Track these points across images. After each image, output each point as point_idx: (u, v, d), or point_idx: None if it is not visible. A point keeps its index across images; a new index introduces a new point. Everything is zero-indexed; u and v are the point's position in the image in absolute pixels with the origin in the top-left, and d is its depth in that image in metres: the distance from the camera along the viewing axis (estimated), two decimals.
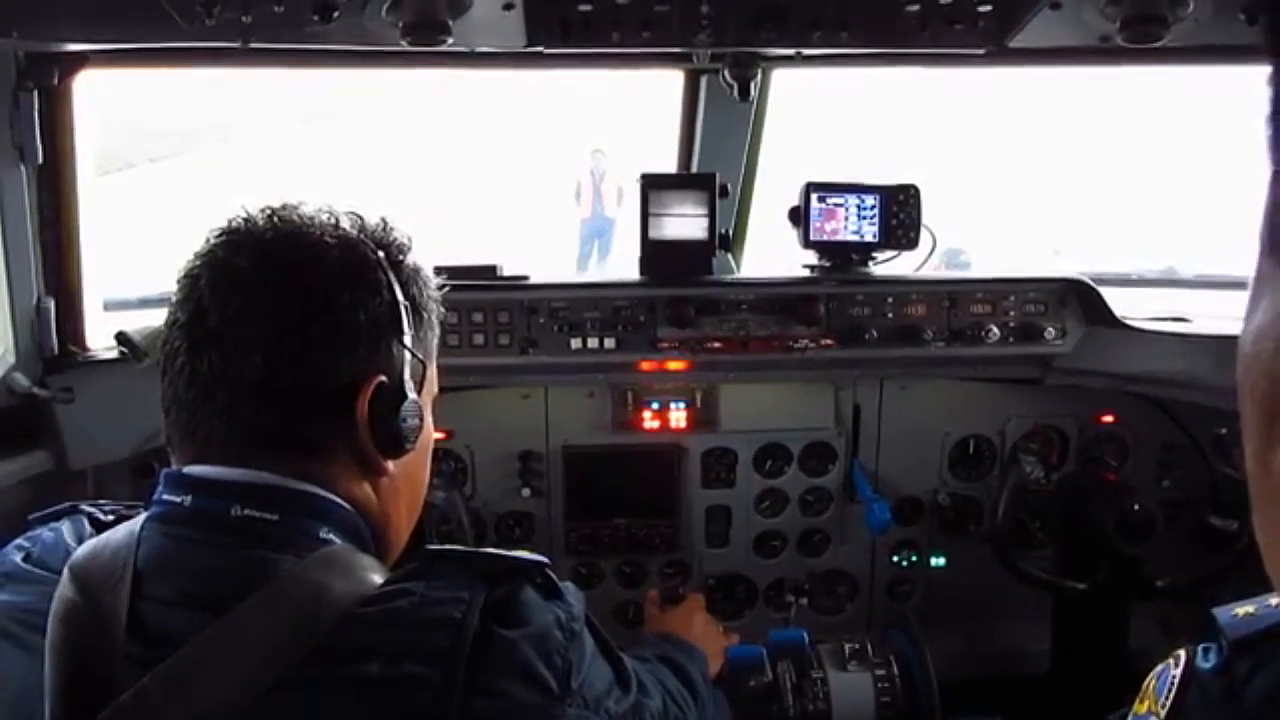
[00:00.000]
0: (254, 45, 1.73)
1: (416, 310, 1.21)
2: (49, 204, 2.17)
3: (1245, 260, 0.62)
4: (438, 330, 1.29)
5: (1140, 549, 2.38)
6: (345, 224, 1.17)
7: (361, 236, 1.17)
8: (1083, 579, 2.46)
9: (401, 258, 1.21)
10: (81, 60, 2.11)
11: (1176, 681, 1.03)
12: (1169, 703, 1.03)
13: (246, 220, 1.15)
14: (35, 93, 2.07)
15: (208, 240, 1.15)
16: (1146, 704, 1.07)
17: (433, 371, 1.28)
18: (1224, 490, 2.56)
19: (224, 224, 1.16)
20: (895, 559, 2.72)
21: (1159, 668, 1.08)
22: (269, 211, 1.15)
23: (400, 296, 1.16)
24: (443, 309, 1.29)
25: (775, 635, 2.25)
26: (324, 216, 1.17)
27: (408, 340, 1.17)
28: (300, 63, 2.29)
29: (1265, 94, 0.57)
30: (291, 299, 1.10)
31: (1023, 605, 2.64)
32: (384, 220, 1.22)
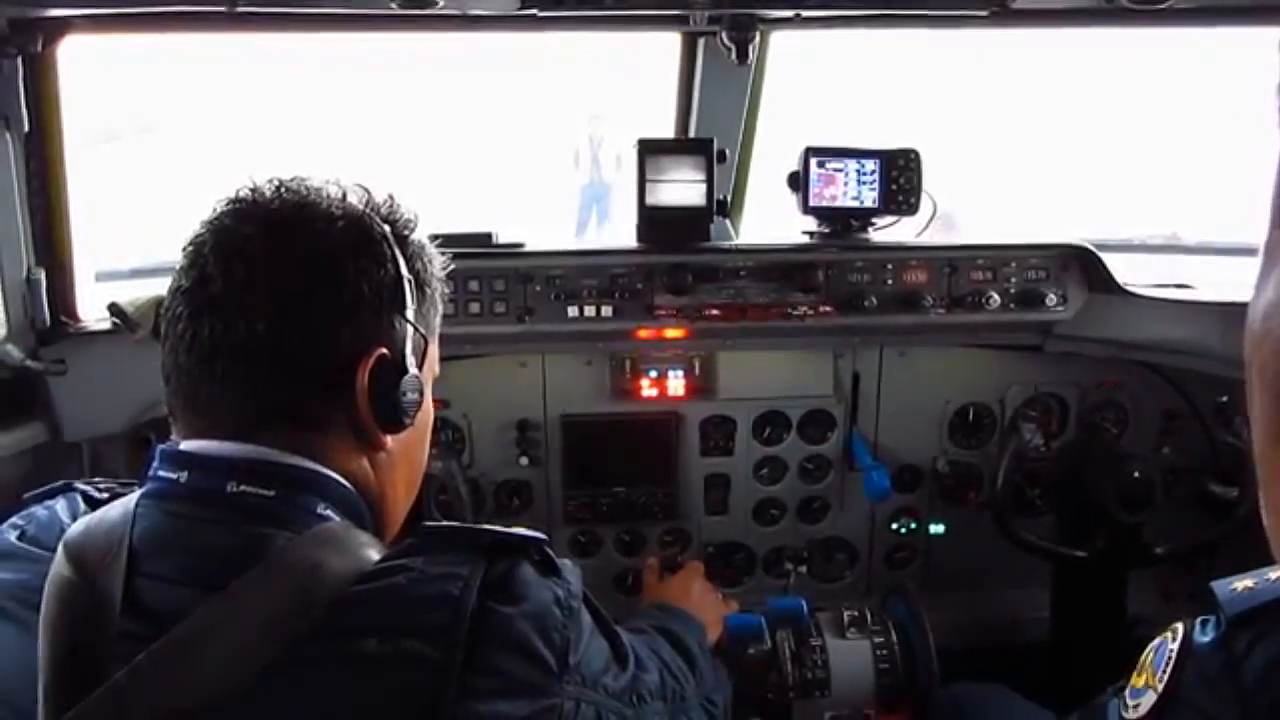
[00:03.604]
0: (241, 10, 1.69)
1: (420, 286, 1.20)
2: (36, 174, 2.14)
3: (1250, 227, 0.60)
4: (441, 309, 1.28)
5: (1140, 516, 2.38)
6: (352, 198, 1.17)
7: (368, 210, 1.17)
8: (1082, 546, 2.46)
9: (407, 233, 1.20)
10: (65, 26, 2.07)
11: (1174, 656, 1.03)
12: (1166, 677, 1.02)
13: (254, 190, 1.14)
14: (19, 60, 2.03)
15: (214, 209, 1.15)
16: (1144, 677, 1.06)
17: (434, 350, 1.28)
18: (1224, 458, 2.56)
19: (231, 193, 1.15)
20: (894, 526, 2.72)
21: (1156, 641, 1.07)
22: (276, 183, 1.15)
23: (405, 271, 1.16)
24: (447, 288, 1.29)
25: (774, 603, 2.26)
26: (331, 189, 1.16)
27: (410, 314, 1.16)
28: (288, 27, 2.25)
29: (1276, 64, 0.55)
30: (296, 267, 1.09)
31: (1022, 572, 2.65)
32: (391, 196, 1.22)
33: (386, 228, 1.16)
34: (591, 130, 14.12)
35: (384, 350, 1.12)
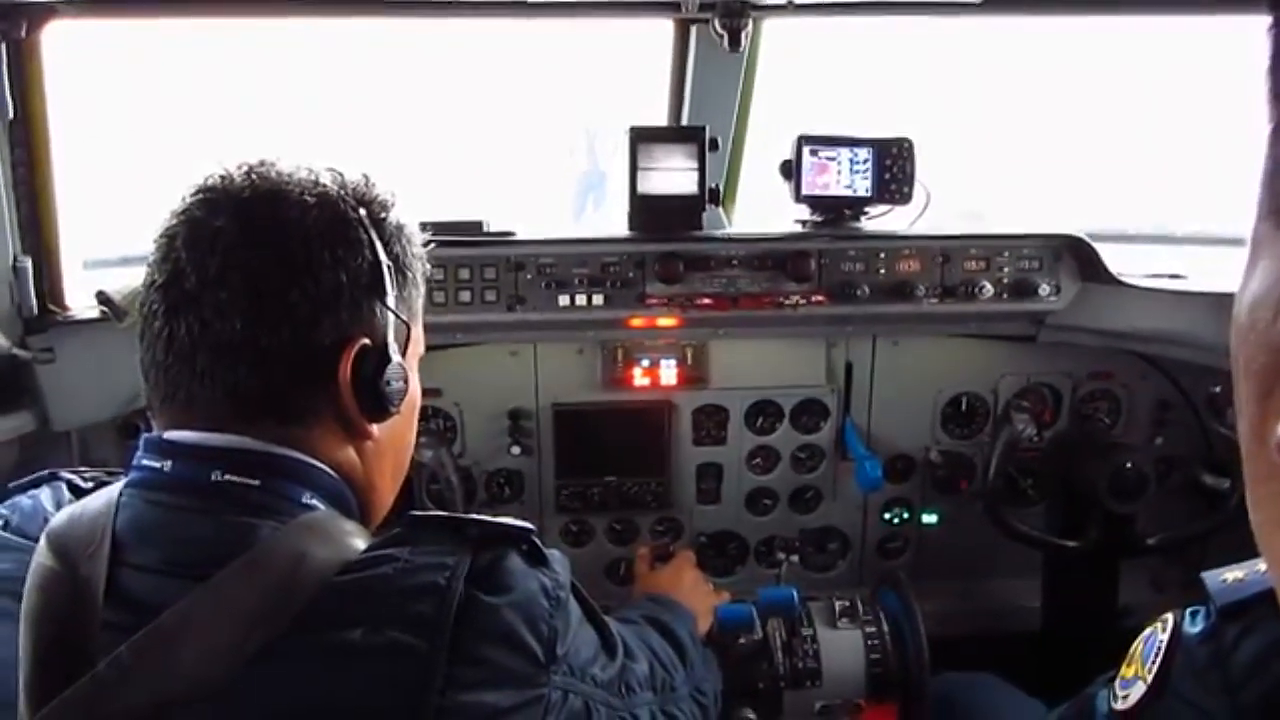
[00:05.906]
0: None
1: (400, 269, 1.18)
2: (22, 161, 2.11)
3: (1241, 217, 0.59)
4: (422, 289, 1.26)
5: (1132, 507, 2.38)
6: (325, 181, 1.14)
7: (342, 194, 1.14)
8: (1074, 536, 2.46)
9: (383, 215, 1.17)
10: (50, 10, 2.04)
11: (1164, 647, 1.02)
12: (1156, 668, 1.02)
13: (223, 178, 1.11)
14: (3, 45, 2.01)
15: (184, 198, 1.12)
16: (1134, 668, 1.06)
17: (418, 332, 1.26)
18: (1216, 448, 2.56)
19: (200, 181, 1.12)
20: (887, 516, 2.72)
21: (1146, 632, 1.07)
22: (246, 168, 1.12)
23: (383, 256, 1.13)
24: (428, 266, 1.26)
25: (765, 593, 2.25)
26: (303, 174, 1.13)
27: (390, 301, 1.14)
28: (275, 12, 2.22)
29: (1265, 45, 0.54)
30: (270, 261, 1.07)
31: (1014, 562, 2.65)
32: (365, 177, 1.18)
33: (362, 211, 1.13)
34: (589, 117, 14.07)
35: (366, 340, 1.11)
